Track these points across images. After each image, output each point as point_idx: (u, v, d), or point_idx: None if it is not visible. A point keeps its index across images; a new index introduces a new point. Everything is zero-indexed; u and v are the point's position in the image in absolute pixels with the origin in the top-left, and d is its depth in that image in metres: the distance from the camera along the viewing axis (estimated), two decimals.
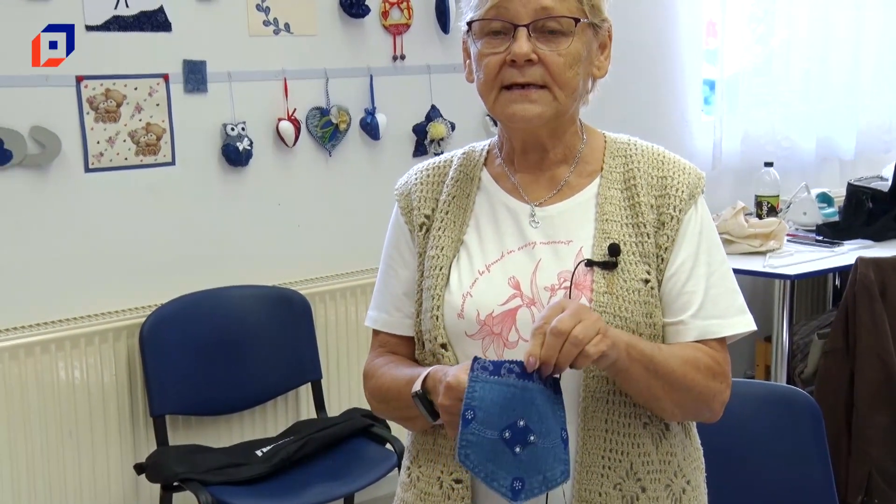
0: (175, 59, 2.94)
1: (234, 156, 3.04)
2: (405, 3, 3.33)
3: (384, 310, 1.56)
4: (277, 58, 3.12)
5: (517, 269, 1.44)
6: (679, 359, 1.38)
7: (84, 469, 2.82)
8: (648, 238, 1.43)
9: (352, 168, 3.32)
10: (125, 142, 2.87)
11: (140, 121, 2.89)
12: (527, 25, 1.38)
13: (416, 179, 1.56)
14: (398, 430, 2.71)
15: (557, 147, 1.48)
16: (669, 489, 1.45)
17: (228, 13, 3.01)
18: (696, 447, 1.54)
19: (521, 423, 1.26)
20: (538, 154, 1.49)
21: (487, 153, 1.56)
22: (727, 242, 3.36)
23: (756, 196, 3.98)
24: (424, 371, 1.40)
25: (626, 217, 1.44)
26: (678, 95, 4.12)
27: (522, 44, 1.37)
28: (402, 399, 1.42)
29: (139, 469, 2.80)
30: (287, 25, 3.13)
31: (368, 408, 3.11)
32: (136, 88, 2.87)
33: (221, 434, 3.04)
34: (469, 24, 1.44)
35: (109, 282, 2.90)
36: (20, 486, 2.72)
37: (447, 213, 1.51)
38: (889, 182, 3.84)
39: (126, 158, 2.88)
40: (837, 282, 4.30)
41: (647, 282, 1.41)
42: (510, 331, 1.42)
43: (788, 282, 3.39)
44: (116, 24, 2.83)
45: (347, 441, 2.93)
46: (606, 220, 1.44)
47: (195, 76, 2.97)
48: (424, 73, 3.41)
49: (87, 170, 2.83)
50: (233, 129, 3.03)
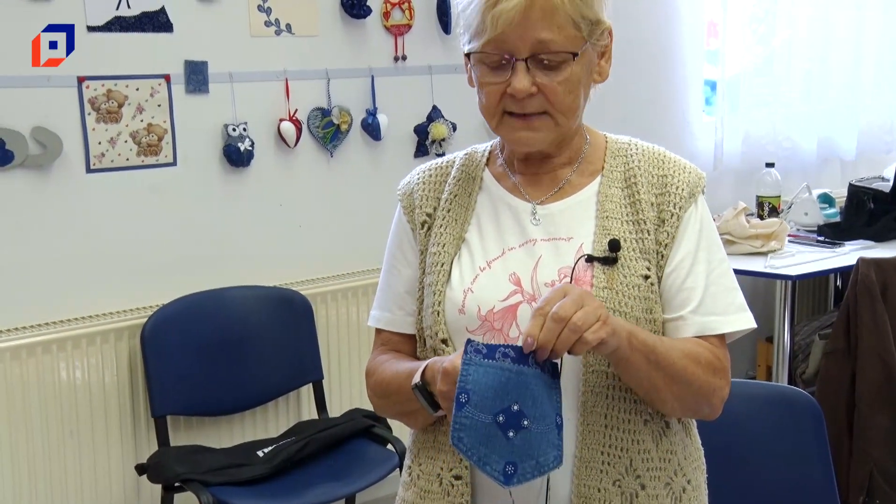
0: (176, 60, 2.95)
1: (236, 156, 3.04)
2: (406, 4, 3.33)
3: (386, 308, 1.57)
4: (279, 58, 3.12)
5: (518, 266, 1.45)
6: (680, 351, 1.39)
7: (85, 469, 2.82)
8: (649, 235, 1.44)
9: (353, 168, 3.32)
10: (126, 142, 2.87)
11: (141, 121, 2.90)
12: (525, 59, 1.38)
13: (419, 179, 1.57)
14: (399, 431, 2.71)
15: (562, 153, 1.50)
16: (669, 487, 1.45)
17: (230, 14, 3.01)
18: (697, 447, 1.54)
19: (516, 408, 1.26)
20: (540, 160, 1.50)
21: (489, 154, 1.57)
22: (728, 243, 3.36)
23: (757, 196, 3.98)
24: (423, 363, 1.40)
25: (627, 214, 1.45)
26: (679, 96, 4.12)
27: (522, 79, 1.38)
28: (403, 393, 1.43)
29: (140, 469, 2.80)
30: (288, 26, 3.13)
31: (370, 408, 3.12)
32: (138, 89, 2.87)
33: (223, 434, 3.04)
34: (467, 54, 1.44)
35: (111, 282, 2.91)
36: (21, 487, 2.72)
37: (449, 211, 1.52)
38: (890, 182, 3.84)
39: (127, 159, 2.88)
40: (839, 282, 4.30)
41: (647, 278, 1.42)
42: (511, 326, 1.43)
43: (790, 282, 3.39)
44: (118, 25, 2.83)
45: (349, 441, 2.94)
46: (607, 217, 1.45)
47: (196, 77, 2.97)
48: (426, 74, 3.41)
49: (89, 170, 2.83)
50: (234, 130, 3.04)
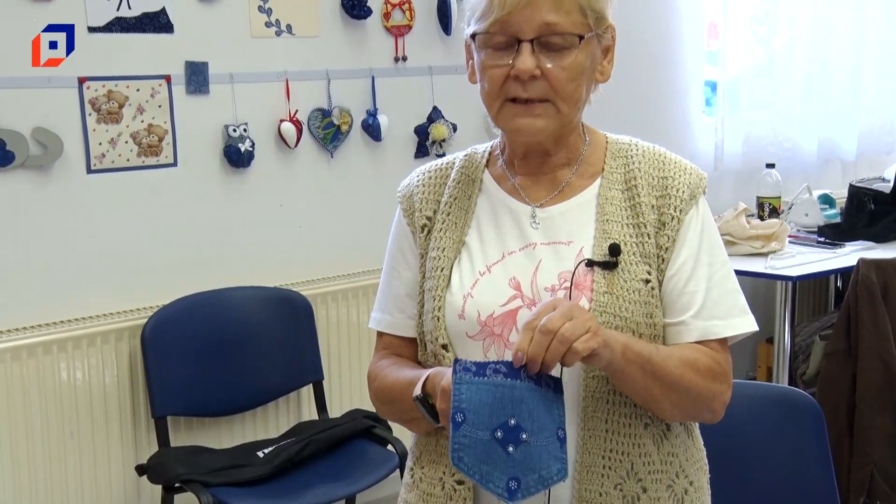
0: (177, 61, 2.95)
1: (236, 157, 3.04)
2: (407, 5, 3.33)
3: (387, 311, 1.56)
4: (279, 59, 3.12)
5: (518, 270, 1.44)
6: (677, 360, 1.38)
7: (85, 470, 2.82)
8: (649, 238, 1.43)
9: (353, 169, 3.32)
10: (127, 143, 2.87)
11: (142, 122, 2.90)
12: (531, 41, 1.37)
13: (418, 181, 1.56)
14: (400, 432, 2.71)
15: (560, 152, 1.48)
16: (671, 490, 1.45)
17: (230, 14, 3.01)
18: (699, 448, 1.53)
19: (513, 422, 1.25)
20: (540, 158, 1.49)
21: (489, 155, 1.56)
22: (729, 244, 3.36)
23: (758, 197, 3.98)
24: (425, 374, 1.39)
25: (627, 217, 1.44)
26: (680, 97, 4.12)
27: (526, 59, 1.37)
28: (405, 401, 1.42)
29: (141, 470, 2.80)
30: (289, 27, 3.13)
31: (370, 409, 3.13)
32: (139, 90, 2.87)
33: (223, 435, 3.04)
34: (472, 36, 1.43)
35: (111, 283, 2.91)
36: (21, 487, 2.72)
37: (448, 215, 1.51)
38: (891, 183, 3.84)
39: (128, 160, 2.88)
40: (839, 283, 4.30)
41: (648, 282, 1.41)
42: (511, 331, 1.42)
43: (790, 283, 3.39)
44: (118, 26, 2.83)
45: (349, 442, 2.93)
46: (607, 221, 1.44)
47: (197, 77, 2.97)
48: (426, 75, 3.41)
49: (90, 171, 2.83)
50: (234, 131, 3.04)
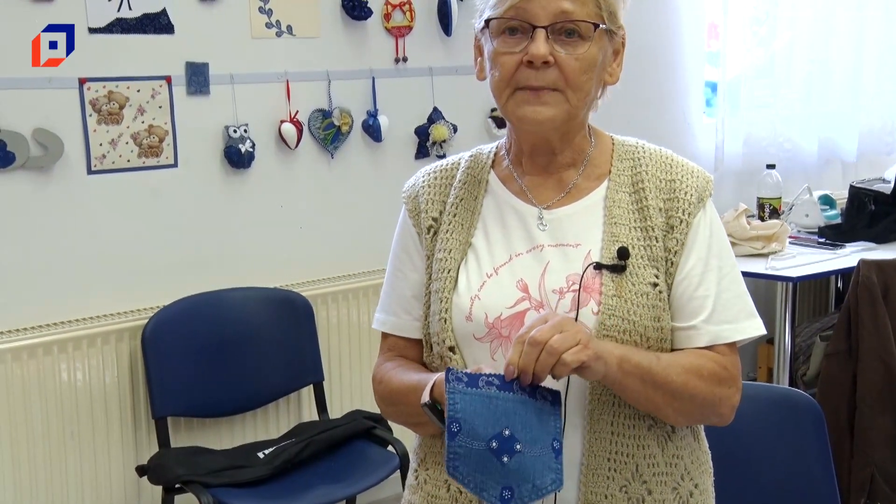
0: (177, 62, 2.94)
1: (237, 158, 3.04)
2: (407, 6, 3.33)
3: (392, 312, 1.55)
4: (280, 60, 3.12)
5: (525, 272, 1.44)
6: (679, 367, 1.38)
7: (86, 471, 2.82)
8: (657, 242, 1.42)
9: (354, 170, 3.32)
10: (127, 144, 2.87)
11: (142, 123, 2.90)
12: (545, 27, 1.37)
13: (424, 182, 1.55)
14: (400, 432, 2.71)
15: (566, 150, 1.48)
16: (676, 492, 1.45)
17: (231, 15, 3.01)
18: (705, 451, 1.53)
19: (507, 433, 1.26)
20: (546, 157, 1.48)
21: (495, 156, 1.55)
22: None
23: (758, 198, 3.98)
24: (432, 379, 1.39)
25: (635, 220, 1.44)
26: (680, 97, 4.12)
27: (540, 45, 1.36)
28: (411, 405, 1.42)
29: (141, 471, 2.79)
30: (289, 27, 3.13)
31: (370, 410, 3.13)
32: (139, 90, 2.87)
33: (223, 436, 3.04)
34: (486, 22, 1.43)
35: (112, 284, 2.91)
36: (22, 488, 2.72)
37: (455, 216, 1.50)
38: (892, 184, 3.84)
39: (128, 160, 2.88)
40: (840, 284, 4.30)
41: (656, 286, 1.41)
42: None
43: (791, 284, 3.39)
44: (119, 27, 2.83)
45: (349, 443, 2.93)
46: (615, 224, 1.43)
47: (197, 78, 2.97)
48: (426, 76, 3.41)
49: (90, 172, 2.83)
50: (235, 131, 3.04)
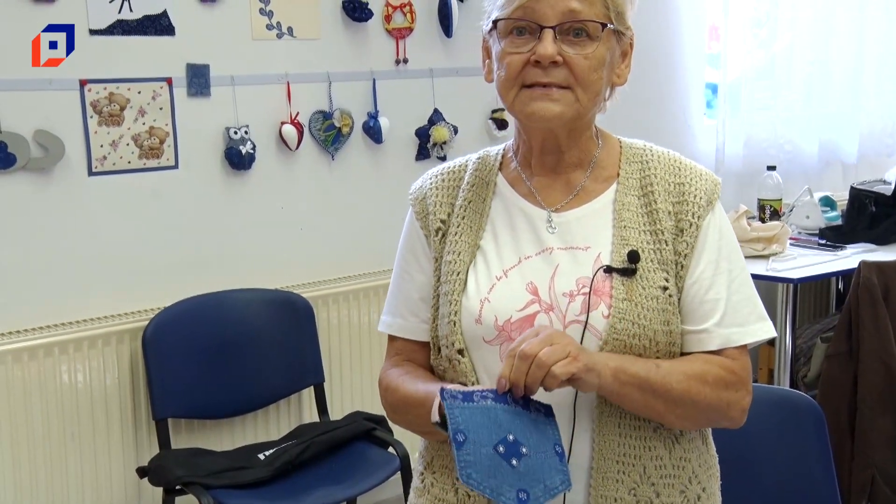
0: (178, 63, 2.95)
1: (237, 159, 3.04)
2: (408, 7, 3.34)
3: (399, 315, 1.54)
4: (280, 61, 3.12)
5: (535, 275, 1.43)
6: (681, 374, 1.38)
7: (86, 472, 2.82)
8: (667, 245, 1.42)
9: (354, 171, 3.32)
10: (128, 145, 2.88)
11: (143, 124, 2.90)
12: (553, 27, 1.37)
13: (431, 184, 1.55)
14: (401, 434, 2.70)
15: (573, 150, 1.47)
16: (684, 495, 1.45)
17: (232, 17, 3.02)
18: (713, 455, 1.53)
19: (511, 437, 1.28)
20: (554, 156, 1.47)
21: (502, 157, 1.54)
22: None
23: (759, 200, 3.98)
24: (438, 394, 1.38)
25: (644, 224, 1.43)
26: (681, 99, 4.12)
27: (548, 45, 1.37)
28: (419, 416, 1.41)
29: (141, 472, 2.79)
30: (290, 29, 3.13)
31: (371, 411, 3.12)
32: (140, 92, 2.88)
33: (224, 437, 3.04)
34: (494, 23, 1.42)
35: (112, 285, 2.91)
36: (22, 489, 2.72)
37: (463, 218, 1.50)
38: (892, 185, 3.83)
39: (129, 162, 2.89)
40: (840, 285, 4.30)
41: (666, 289, 1.40)
42: None
43: (791, 285, 3.39)
44: (120, 28, 2.83)
45: (350, 444, 2.93)
46: (624, 227, 1.43)
47: (198, 80, 2.97)
48: (427, 77, 3.41)
49: (91, 173, 2.83)
50: (236, 133, 3.04)
